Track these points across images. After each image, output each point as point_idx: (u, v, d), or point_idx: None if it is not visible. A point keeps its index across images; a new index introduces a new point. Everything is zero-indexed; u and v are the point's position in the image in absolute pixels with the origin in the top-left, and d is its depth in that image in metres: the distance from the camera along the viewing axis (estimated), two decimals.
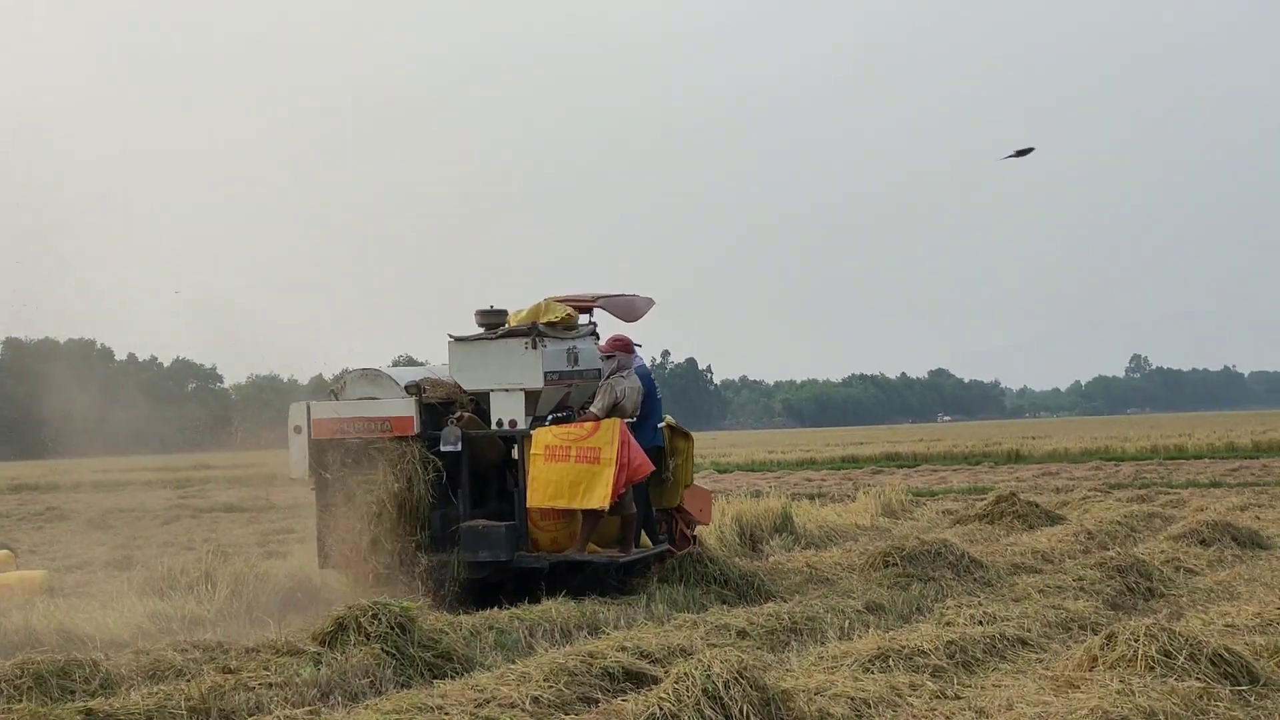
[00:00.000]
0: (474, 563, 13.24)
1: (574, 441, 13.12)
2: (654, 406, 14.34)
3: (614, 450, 13.04)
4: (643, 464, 13.40)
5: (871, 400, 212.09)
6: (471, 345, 13.69)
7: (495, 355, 13.55)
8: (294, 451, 13.93)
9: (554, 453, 13.12)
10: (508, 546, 13.24)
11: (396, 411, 13.53)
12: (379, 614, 10.11)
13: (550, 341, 13.64)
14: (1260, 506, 22.55)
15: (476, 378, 13.69)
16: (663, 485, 14.64)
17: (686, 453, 14.92)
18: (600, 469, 13.00)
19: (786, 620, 11.41)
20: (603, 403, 13.56)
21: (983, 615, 11.08)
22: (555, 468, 13.08)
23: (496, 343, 13.57)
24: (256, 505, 33.86)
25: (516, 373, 13.46)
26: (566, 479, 13.04)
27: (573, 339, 14.05)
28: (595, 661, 9.25)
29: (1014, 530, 19.38)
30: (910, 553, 14.39)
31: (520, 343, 13.45)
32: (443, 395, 13.76)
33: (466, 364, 13.73)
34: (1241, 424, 70.88)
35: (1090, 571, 13.28)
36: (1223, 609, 11.23)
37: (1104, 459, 42.20)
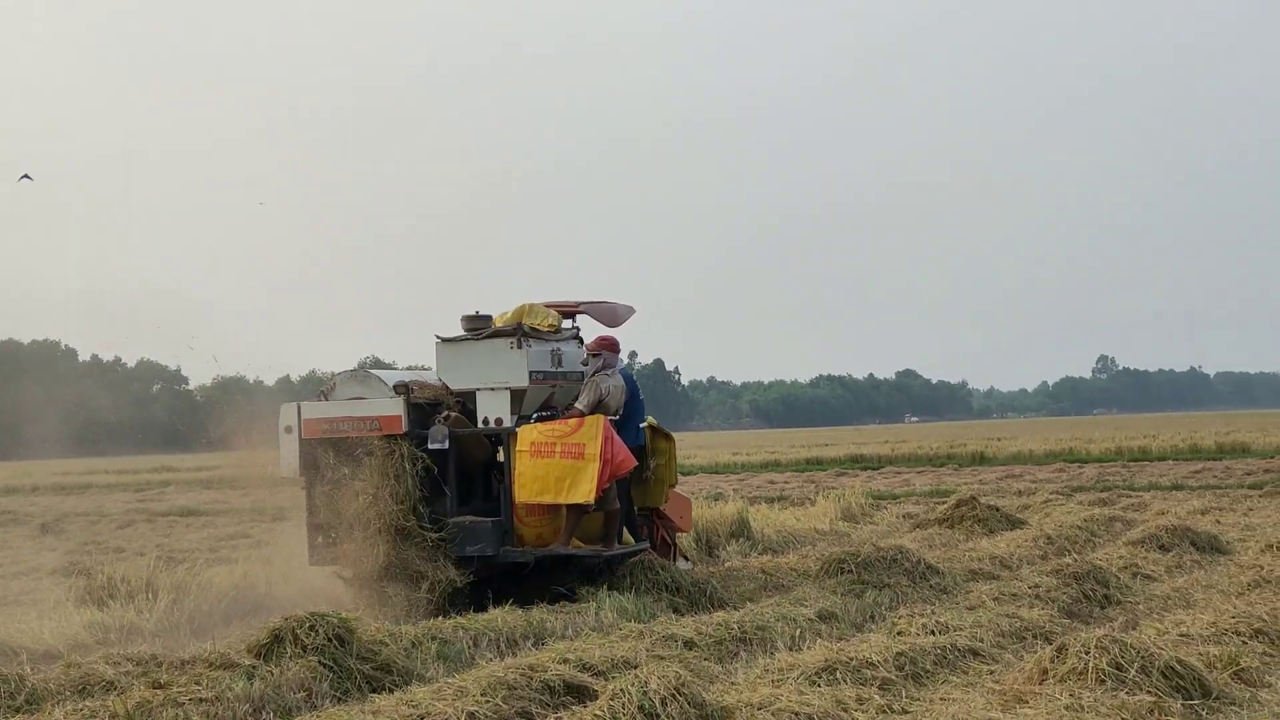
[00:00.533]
0: (461, 557, 13.54)
1: (559, 438, 13.42)
2: (637, 407, 14.67)
3: (598, 446, 13.32)
4: (626, 460, 13.69)
5: (839, 401, 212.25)
6: (458, 346, 14.04)
7: (481, 355, 13.90)
8: (284, 451, 14.18)
9: (539, 449, 13.42)
10: (494, 542, 13.57)
11: (385, 411, 13.80)
12: (316, 625, 9.85)
13: (535, 342, 14.00)
14: (1221, 510, 22.45)
15: (463, 377, 14.02)
16: (645, 484, 14.97)
17: (669, 453, 15.26)
18: (584, 465, 13.29)
19: (736, 630, 11.17)
20: (588, 399, 13.84)
21: (935, 624, 10.86)
22: (541, 464, 13.38)
23: (482, 343, 13.92)
24: (213, 509, 33.55)
25: (502, 372, 13.80)
26: (552, 475, 13.33)
27: (557, 341, 14.41)
28: (535, 675, 9.02)
29: (974, 535, 19.21)
30: (865, 559, 14.18)
31: (506, 343, 13.80)
32: (430, 395, 14.08)
33: (453, 364, 14.08)
34: (1206, 425, 70.96)
35: (1046, 579, 13.07)
36: (1178, 618, 11.02)
37: (1068, 461, 42.08)
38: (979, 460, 44.73)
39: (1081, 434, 61.01)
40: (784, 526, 20.54)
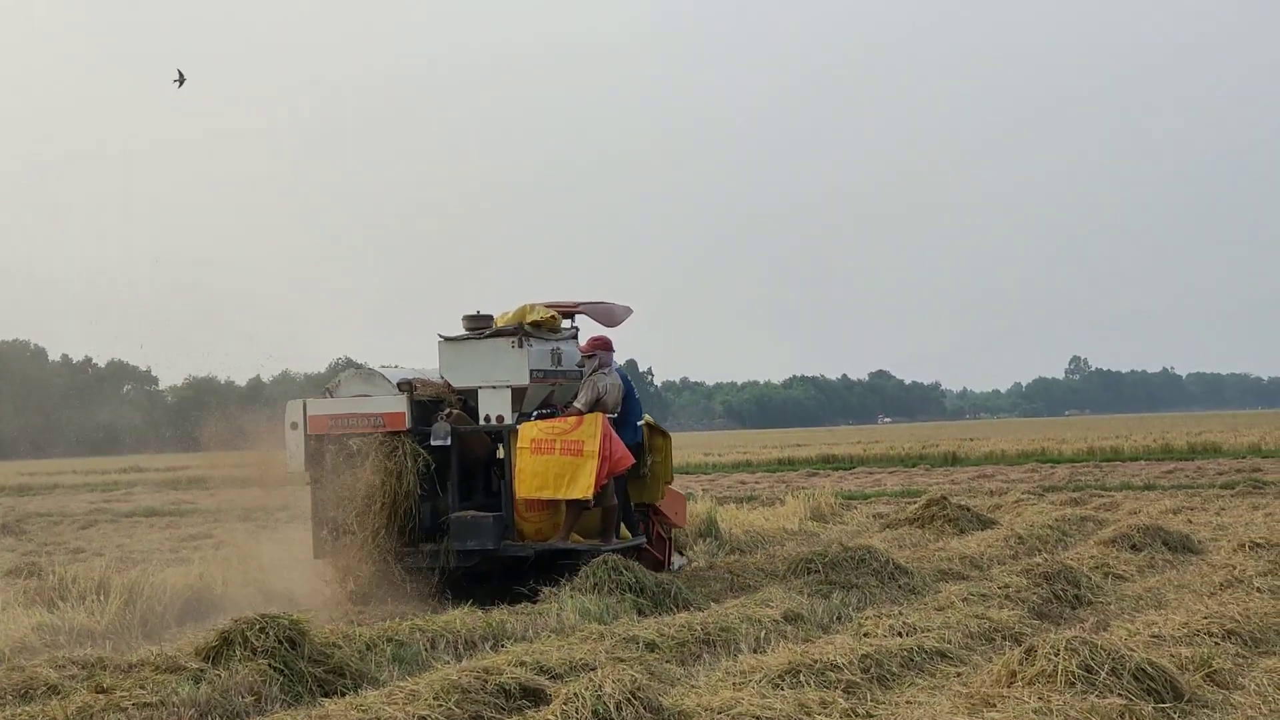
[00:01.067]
0: (463, 551, 13.88)
1: (558, 435, 13.78)
2: (633, 405, 15.07)
3: (596, 443, 13.69)
4: (624, 457, 14.03)
5: (812, 402, 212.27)
6: (460, 344, 14.38)
7: (483, 354, 14.25)
8: (290, 446, 14.50)
9: (539, 446, 13.77)
10: (495, 536, 13.87)
11: (389, 408, 14.17)
12: (267, 627, 9.57)
13: (535, 341, 14.35)
14: (1193, 509, 22.30)
15: (465, 375, 14.35)
16: (642, 481, 15.25)
17: (665, 450, 15.58)
18: (584, 461, 13.64)
19: (699, 631, 10.90)
20: (586, 397, 14.26)
21: (902, 626, 10.63)
22: (541, 460, 13.72)
23: (484, 342, 14.27)
24: (178, 510, 33.21)
25: (503, 371, 14.15)
26: (552, 471, 13.68)
27: (556, 341, 14.79)
28: (490, 678, 8.77)
29: (944, 535, 19.01)
30: (833, 559, 13.96)
31: (507, 342, 14.15)
32: (432, 393, 14.43)
33: (455, 362, 14.41)
34: (1178, 426, 71.04)
35: (1016, 579, 12.83)
36: (1150, 618, 10.82)
37: (1040, 461, 41.93)
38: (951, 461, 44.56)
39: (1054, 434, 60.96)
40: (752, 526, 20.31)
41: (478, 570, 14.08)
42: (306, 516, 17.17)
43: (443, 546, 14.00)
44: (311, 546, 14.60)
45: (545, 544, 14.03)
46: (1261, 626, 10.30)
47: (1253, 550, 14.16)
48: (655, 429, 15.61)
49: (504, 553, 13.95)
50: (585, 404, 14.23)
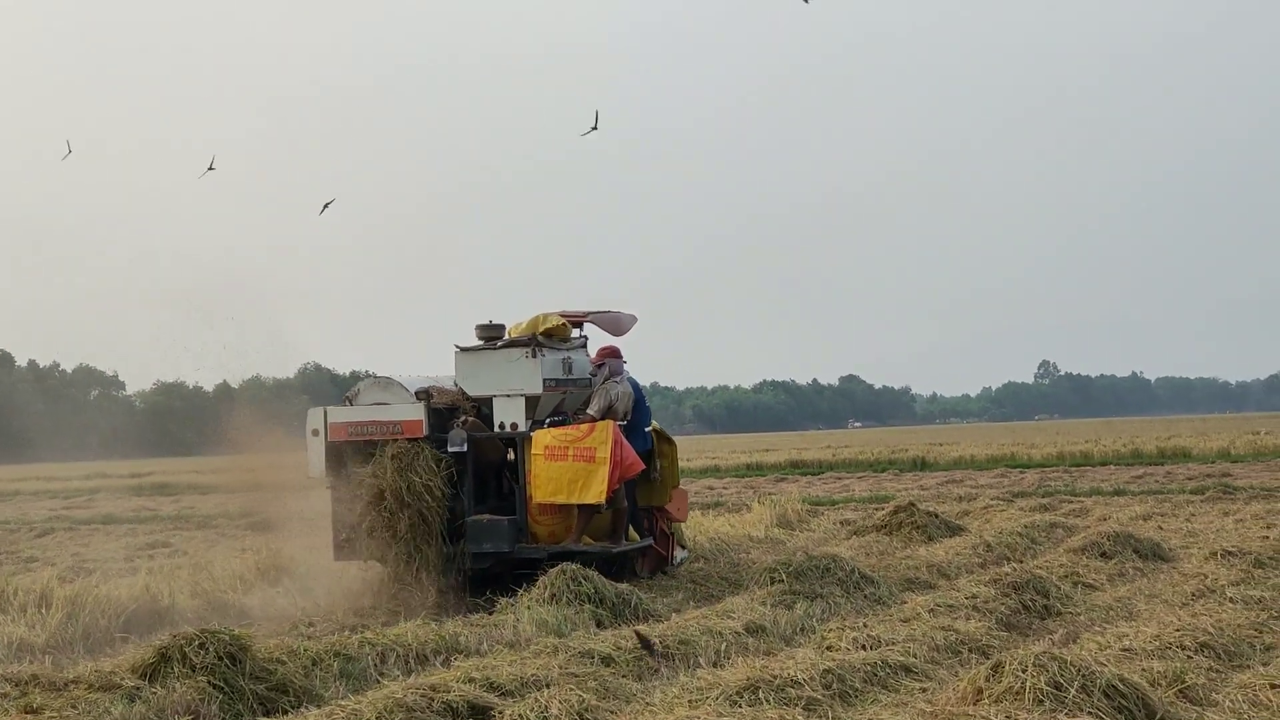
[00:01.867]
0: (478, 553, 14.42)
1: (571, 442, 14.28)
2: (643, 413, 15.71)
3: (608, 450, 14.16)
4: (634, 463, 14.55)
5: (783, 407, 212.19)
6: (477, 355, 14.95)
7: (498, 364, 14.82)
8: (311, 453, 15.00)
9: (553, 452, 14.29)
10: (510, 539, 14.43)
11: (407, 416, 14.65)
12: (207, 643, 9.23)
13: (548, 352, 14.90)
14: (1163, 515, 22.06)
15: (480, 384, 14.92)
16: (651, 484, 15.78)
17: (671, 455, 16.17)
18: (596, 467, 14.13)
19: (656, 644, 10.60)
20: (598, 405, 14.91)
21: (866, 639, 10.32)
22: (555, 466, 14.25)
23: (499, 352, 14.84)
24: (138, 517, 32.77)
25: (518, 380, 14.73)
26: (565, 476, 14.20)
27: (567, 350, 15.34)
28: (437, 695, 8.44)
29: (912, 542, 18.72)
30: (797, 568, 13.60)
31: (521, 352, 14.73)
32: (448, 401, 14.92)
33: (471, 371, 14.96)
34: (1147, 430, 70.94)
35: (984, 589, 12.53)
36: (1121, 630, 10.52)
37: (1010, 466, 41.68)
38: (920, 465, 44.30)
39: (1024, 439, 60.77)
40: (717, 533, 19.96)
41: (492, 572, 14.52)
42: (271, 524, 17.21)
43: (459, 549, 14.46)
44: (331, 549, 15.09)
45: (558, 546, 14.46)
46: (1235, 639, 10.03)
47: (1224, 558, 13.90)
48: (662, 435, 16.16)
49: (518, 555, 14.42)
50: (597, 411, 14.83)
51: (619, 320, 16.12)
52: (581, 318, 15.88)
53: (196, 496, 43.55)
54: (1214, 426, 75.25)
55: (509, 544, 14.43)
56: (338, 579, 15.37)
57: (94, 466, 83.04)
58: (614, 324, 16.05)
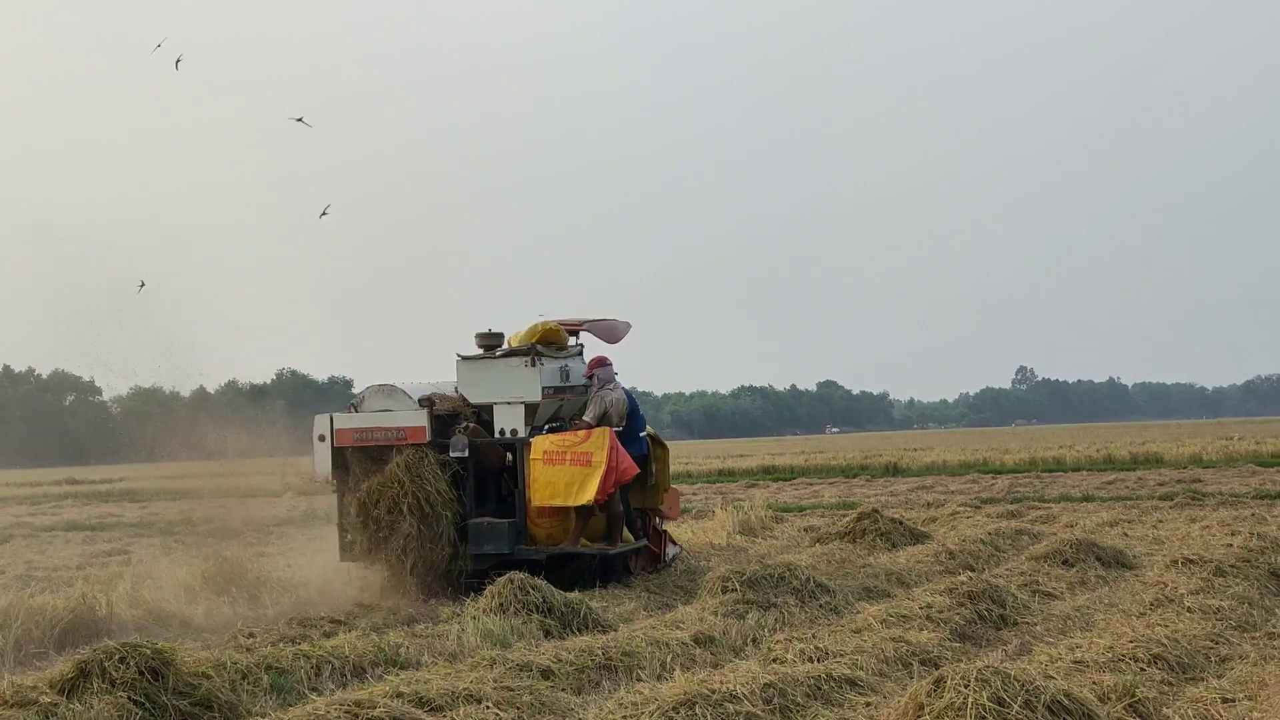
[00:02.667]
0: (479, 554, 14.96)
1: (569, 447, 14.79)
2: (637, 420, 16.06)
3: (604, 455, 14.66)
4: (629, 467, 15.01)
5: (760, 412, 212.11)
6: (477, 363, 15.52)
7: (499, 372, 15.38)
8: (318, 457, 15.57)
9: (551, 457, 14.80)
10: (510, 540, 14.99)
11: (410, 422, 15.24)
12: (128, 657, 8.90)
13: (547, 360, 15.45)
14: (1130, 522, 21.83)
15: (482, 392, 15.46)
16: (645, 488, 16.27)
17: (664, 460, 16.81)
18: (592, 471, 14.62)
19: (600, 656, 10.29)
20: (594, 412, 15.36)
21: (814, 650, 10.06)
22: (553, 470, 14.75)
23: (499, 361, 15.43)
24: (101, 524, 32.39)
25: (518, 388, 15.29)
26: (562, 480, 14.70)
27: (564, 358, 15.95)
28: (363, 711, 8.16)
29: (875, 550, 18.45)
30: (751, 577, 13.25)
31: (521, 361, 15.29)
32: (450, 407, 15.46)
33: (472, 379, 15.53)
34: (1121, 435, 70.87)
35: (939, 598, 12.24)
36: (1075, 641, 10.27)
37: (982, 472, 41.44)
38: (893, 471, 44.05)
39: (998, 444, 60.64)
40: (679, 541, 19.68)
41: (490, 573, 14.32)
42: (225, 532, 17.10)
43: (460, 550, 15.00)
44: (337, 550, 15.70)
45: (556, 548, 15.07)
46: (1189, 650, 9.79)
47: (1185, 567, 13.63)
48: (655, 440, 16.64)
49: (518, 556, 14.85)
50: (593, 418, 15.30)
51: (614, 328, 16.61)
52: (578, 326, 16.39)
53: (165, 503, 43.12)
54: (1188, 432, 75.23)
55: (509, 546, 14.94)
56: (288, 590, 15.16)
57: (64, 472, 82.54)
58: (609, 332, 16.54)
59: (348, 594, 15.25)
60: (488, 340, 15.66)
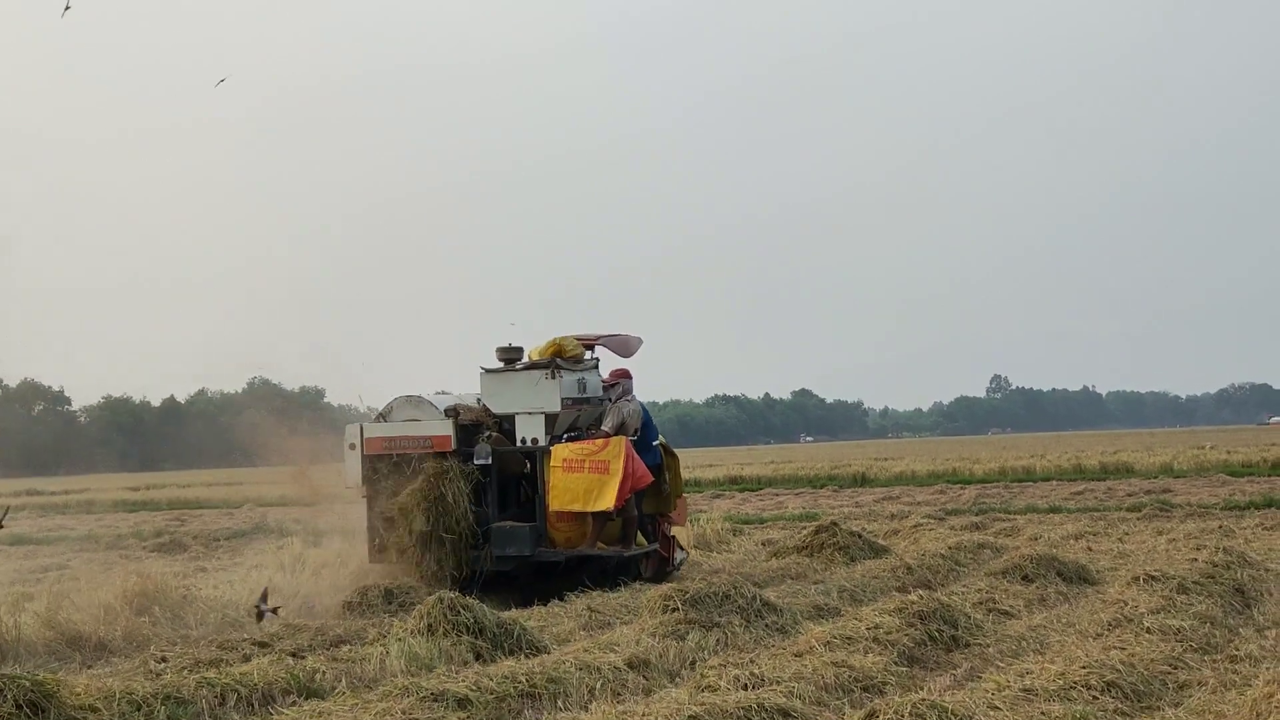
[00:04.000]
0: (501, 556, 15.79)
1: (587, 455, 15.59)
2: (651, 431, 16.88)
3: (620, 463, 15.47)
4: (644, 475, 15.86)
5: (734, 421, 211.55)
6: (500, 376, 16.37)
7: (521, 385, 16.18)
8: (348, 465, 16.39)
9: (570, 465, 15.58)
10: (530, 543, 15.82)
11: (437, 431, 16.07)
12: (4, 689, 8.27)
13: (565, 373, 16.24)
14: (1095, 535, 21.34)
15: (504, 403, 16.26)
16: (659, 495, 16.98)
17: (675, 468, 17.49)
18: (609, 479, 15.43)
19: (523, 683, 9.64)
20: (612, 422, 16.16)
21: (749, 676, 9.45)
22: (572, 477, 15.55)
23: (521, 374, 16.25)
24: (48, 537, 31.64)
25: (539, 399, 16.08)
26: (581, 487, 15.50)
27: (581, 371, 16.72)
28: None
29: (833, 564, 17.91)
30: (694, 595, 12.60)
31: (541, 374, 16.12)
32: (473, 417, 16.24)
33: (495, 391, 16.34)
34: (1094, 444, 70.47)
35: (889, 618, 11.62)
36: (1026, 665, 9.68)
37: (950, 482, 40.95)
38: (860, 481, 43.51)
39: (969, 454, 60.17)
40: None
41: (512, 573, 15.96)
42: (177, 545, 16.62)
43: (483, 552, 15.77)
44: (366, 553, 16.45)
45: (575, 550, 15.94)
46: (1146, 676, 9.22)
47: (1147, 583, 13.08)
48: (667, 449, 17.35)
49: (538, 558, 15.90)
50: (611, 428, 16.10)
51: (628, 342, 17.38)
52: (594, 340, 17.11)
53: (119, 515, 42.46)
54: (1161, 441, 74.97)
55: (530, 548, 15.80)
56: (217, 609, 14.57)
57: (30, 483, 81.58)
58: (623, 346, 17.29)
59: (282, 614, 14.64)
60: (508, 354, 16.46)
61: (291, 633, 13.07)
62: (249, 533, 30.35)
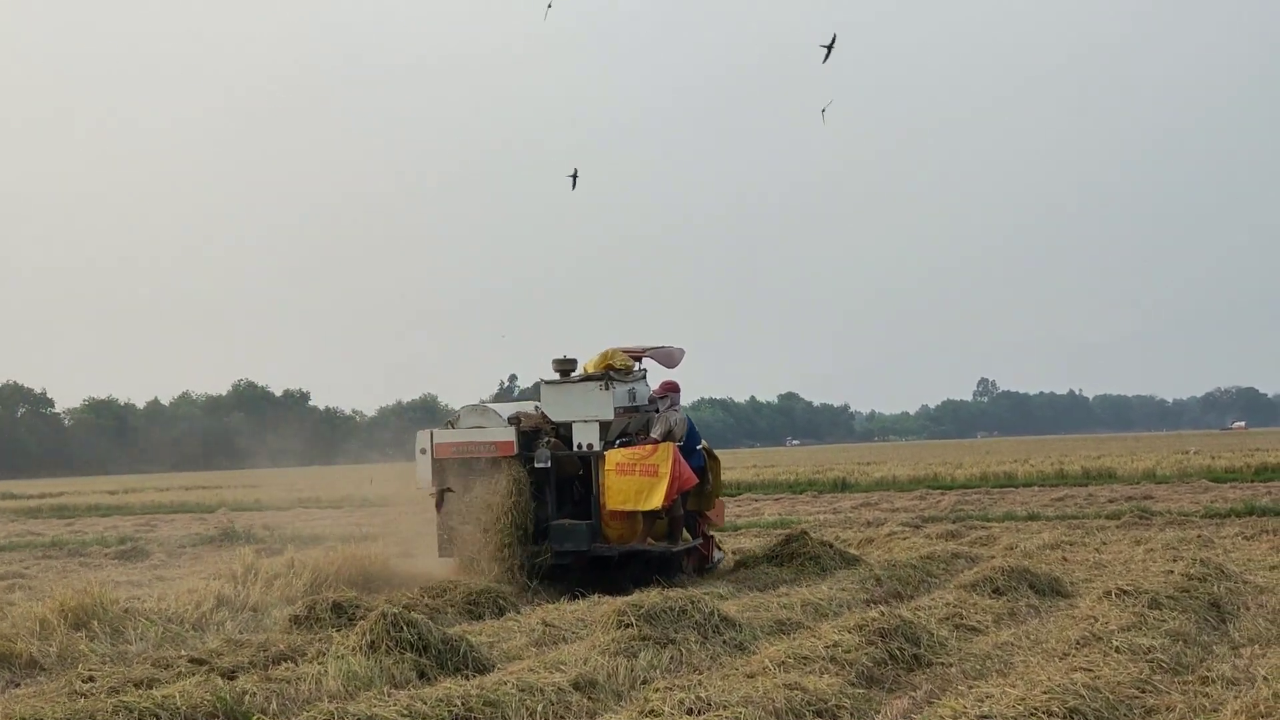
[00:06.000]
0: (559, 551, 17.16)
1: (638, 460, 16.94)
2: (695, 436, 18.29)
3: (668, 467, 16.82)
4: (689, 477, 17.25)
5: (721, 425, 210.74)
6: (559, 387, 17.77)
7: (577, 395, 17.61)
8: (420, 468, 17.82)
9: (623, 468, 16.94)
10: (587, 539, 17.17)
11: (500, 437, 17.40)
12: None
13: (617, 384, 17.68)
14: (1072, 545, 20.89)
15: (562, 412, 17.67)
16: (702, 494, 18.36)
17: (716, 470, 18.90)
18: (658, 481, 16.78)
19: (459, 707, 9.16)
20: (660, 429, 17.50)
21: (695, 700, 8.94)
22: (624, 480, 16.92)
23: (578, 385, 17.67)
24: (10, 544, 31.10)
25: (594, 408, 17.50)
26: (633, 488, 16.87)
27: (631, 382, 18.16)
28: None
29: (803, 574, 17.46)
30: (650, 610, 12.08)
31: (596, 385, 17.56)
32: (533, 425, 17.69)
33: (554, 400, 17.74)
34: (1079, 449, 70.09)
35: (848, 635, 11.12)
36: (987, 689, 9.17)
37: (931, 487, 40.46)
38: (841, 487, 42.98)
39: (952, 458, 59.72)
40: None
41: (569, 566, 17.22)
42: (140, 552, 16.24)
43: (543, 547, 17.11)
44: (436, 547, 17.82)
45: (626, 546, 17.25)
46: (1111, 702, 8.73)
47: (1120, 598, 12.62)
48: (709, 453, 18.69)
49: (594, 553, 17.20)
50: (660, 434, 17.44)
51: (671, 355, 18.81)
52: (640, 353, 18.54)
53: (91, 520, 41.91)
54: (1145, 445, 74.63)
55: (586, 543, 17.11)
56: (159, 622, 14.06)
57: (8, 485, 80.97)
58: (667, 358, 18.71)
59: (228, 628, 14.17)
60: (563, 365, 17.91)
61: (232, 649, 12.54)
62: (216, 539, 29.85)
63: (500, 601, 15.45)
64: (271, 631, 13.84)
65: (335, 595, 14.39)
